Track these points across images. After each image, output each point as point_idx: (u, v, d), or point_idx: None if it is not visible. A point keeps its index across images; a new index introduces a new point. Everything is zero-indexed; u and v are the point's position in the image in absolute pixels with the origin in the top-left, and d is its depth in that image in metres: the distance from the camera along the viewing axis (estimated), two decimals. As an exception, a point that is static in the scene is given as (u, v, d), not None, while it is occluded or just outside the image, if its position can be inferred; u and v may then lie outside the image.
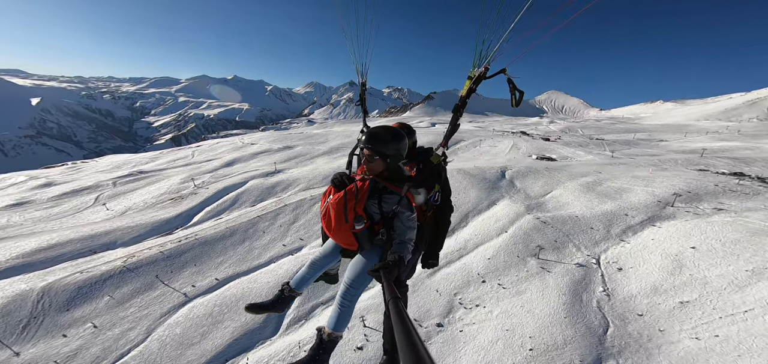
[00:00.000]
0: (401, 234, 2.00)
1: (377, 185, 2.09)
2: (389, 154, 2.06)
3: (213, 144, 28.87)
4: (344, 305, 2.07)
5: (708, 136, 32.79)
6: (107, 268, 8.44)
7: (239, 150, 23.55)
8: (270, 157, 20.47)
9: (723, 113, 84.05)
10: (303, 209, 11.30)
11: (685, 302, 6.62)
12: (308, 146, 22.85)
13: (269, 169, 16.85)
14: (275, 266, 8.65)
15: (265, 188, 13.97)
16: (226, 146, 26.07)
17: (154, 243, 10.06)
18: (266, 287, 7.77)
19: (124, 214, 13.51)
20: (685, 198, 11.44)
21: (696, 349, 5.51)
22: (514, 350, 5.53)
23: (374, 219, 2.11)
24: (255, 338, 6.55)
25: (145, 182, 17.90)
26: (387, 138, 2.07)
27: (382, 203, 2.07)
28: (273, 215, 11.05)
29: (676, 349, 5.55)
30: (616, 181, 13.07)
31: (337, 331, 2.05)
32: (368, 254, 2.14)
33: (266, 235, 10.17)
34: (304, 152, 21.14)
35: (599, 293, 7.04)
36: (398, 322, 1.00)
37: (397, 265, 1.80)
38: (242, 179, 15.16)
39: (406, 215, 2.03)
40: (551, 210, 10.61)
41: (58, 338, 6.54)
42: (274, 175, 15.58)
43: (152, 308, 7.30)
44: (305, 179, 14.29)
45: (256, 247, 9.68)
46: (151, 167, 22.46)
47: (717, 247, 8.18)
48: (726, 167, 17.34)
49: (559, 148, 21.75)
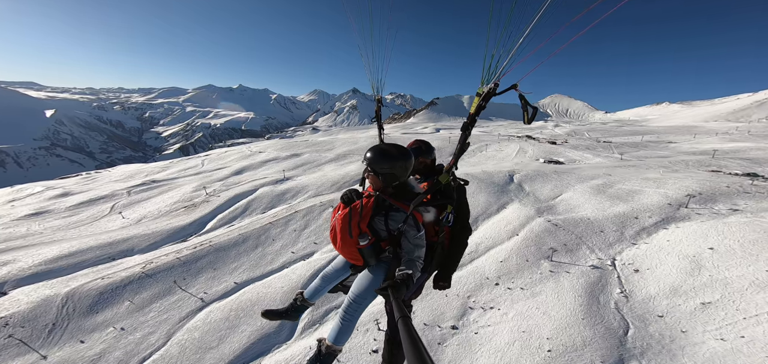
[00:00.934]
0: (409, 252, 1.99)
1: (384, 202, 2.08)
2: (380, 172, 2.05)
3: (221, 153, 29.36)
4: (346, 320, 2.07)
5: (718, 137, 32.26)
6: (127, 274, 8.65)
7: (248, 158, 23.93)
8: (278, 164, 20.76)
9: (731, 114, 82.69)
10: (313, 215, 11.44)
11: (706, 303, 6.53)
12: (315, 154, 23.11)
13: (278, 176, 17.09)
14: (288, 272, 8.76)
15: (274, 195, 14.17)
16: (234, 155, 26.50)
17: (171, 250, 10.26)
18: (281, 292, 7.87)
19: (139, 222, 13.81)
20: (699, 199, 11.29)
21: (722, 350, 5.41)
22: (532, 351, 5.51)
23: (380, 236, 2.11)
24: (271, 342, 6.64)
25: (158, 190, 18.28)
26: (383, 156, 2.06)
27: (388, 220, 2.06)
28: (284, 222, 11.20)
29: (701, 350, 5.47)
30: (627, 183, 12.96)
31: (337, 344, 2.06)
32: (374, 270, 2.14)
33: (278, 241, 10.31)
34: (311, 160, 21.39)
35: (617, 294, 6.98)
36: (408, 342, 0.98)
37: (406, 283, 1.77)
38: (252, 187, 15.41)
39: (412, 233, 2.01)
40: (562, 213, 10.57)
41: (82, 342, 6.71)
42: (283, 182, 15.80)
43: (171, 312, 7.45)
44: (314, 186, 14.47)
45: (268, 253, 9.82)
46: (162, 176, 22.92)
47: (735, 247, 8.07)
48: (739, 168, 17.06)
49: (567, 152, 21.65)
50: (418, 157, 2.67)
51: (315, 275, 8.45)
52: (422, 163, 2.72)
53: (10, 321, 7.16)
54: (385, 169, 2.04)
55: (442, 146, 26.38)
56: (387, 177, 2.06)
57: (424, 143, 2.77)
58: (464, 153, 2.14)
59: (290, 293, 7.85)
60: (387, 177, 2.06)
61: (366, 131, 52.91)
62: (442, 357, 5.69)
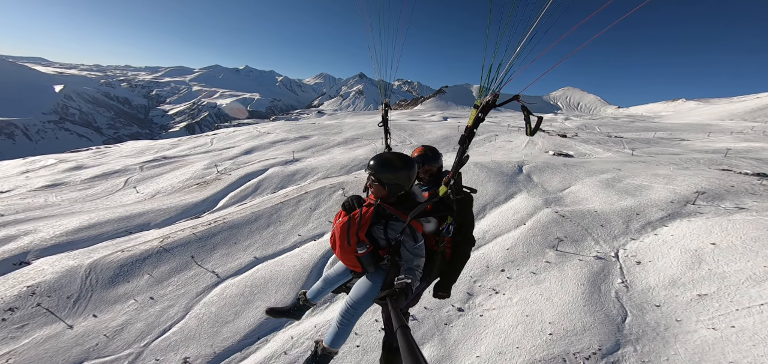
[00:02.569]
0: (408, 262, 1.99)
1: (384, 211, 2.08)
2: (385, 181, 2.05)
3: (230, 132, 29.58)
4: (342, 324, 2.10)
5: (732, 136, 31.58)
6: (145, 248, 9.02)
7: (256, 139, 24.14)
8: (287, 146, 20.97)
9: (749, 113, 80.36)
10: (323, 197, 11.68)
11: (703, 294, 6.72)
12: (323, 137, 23.22)
13: (287, 157, 17.31)
14: (300, 251, 9.06)
15: (285, 175, 14.42)
16: (242, 135, 26.71)
17: (186, 225, 10.62)
18: (293, 271, 8.18)
19: (154, 197, 14.21)
20: (707, 196, 11.28)
21: (712, 338, 5.64)
22: (534, 334, 5.77)
23: (379, 244, 2.11)
24: (283, 318, 6.98)
25: (170, 167, 18.65)
26: (388, 165, 2.06)
27: (387, 229, 2.06)
28: (295, 202, 11.47)
29: (693, 338, 5.69)
30: (636, 178, 12.95)
31: (334, 347, 2.11)
32: (372, 277, 2.15)
33: (289, 220, 10.61)
34: (319, 142, 21.54)
35: (618, 284, 7.18)
36: (407, 351, 0.99)
37: (404, 293, 1.76)
38: (262, 167, 15.67)
39: (411, 244, 2.01)
40: (570, 205, 10.68)
41: (106, 313, 7.12)
42: (292, 163, 16.02)
43: (188, 287, 7.82)
44: (323, 168, 14.67)
45: (280, 231, 10.13)
46: (173, 153, 23.29)
47: (737, 244, 8.17)
48: (749, 168, 16.84)
49: (577, 145, 21.49)
50: (424, 165, 2.63)
51: (325, 255, 8.75)
52: (428, 171, 2.65)
53: (37, 290, 7.56)
54: (390, 179, 2.05)
55: (451, 135, 26.29)
56: (392, 187, 2.07)
57: (431, 150, 2.68)
58: (463, 166, 2.06)
59: (302, 271, 8.17)
60: (392, 187, 2.07)
61: (373, 117, 52.63)
62: (448, 336, 5.98)
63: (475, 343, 5.77)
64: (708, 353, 5.26)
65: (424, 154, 2.66)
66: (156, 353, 6.01)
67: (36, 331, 6.54)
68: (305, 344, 6.14)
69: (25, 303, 7.12)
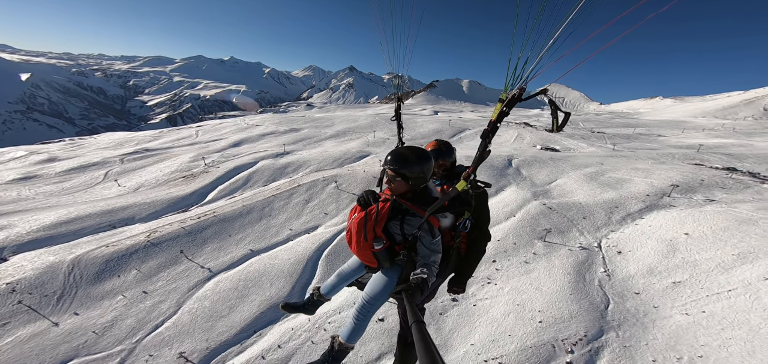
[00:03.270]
0: (424, 257, 1.97)
1: (400, 206, 2.06)
2: (410, 176, 2.04)
3: (216, 124, 28.75)
4: (359, 319, 2.10)
5: (704, 133, 33.36)
6: (132, 242, 8.75)
7: (244, 131, 23.61)
8: (277, 138, 20.63)
9: (720, 111, 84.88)
10: (316, 190, 11.63)
11: (677, 282, 7.17)
12: (314, 129, 22.97)
13: (278, 150, 17.06)
14: (294, 244, 9.03)
15: (276, 168, 14.23)
16: (230, 127, 26.04)
17: (174, 219, 10.36)
18: (287, 264, 8.16)
19: (137, 190, 13.73)
20: (681, 189, 11.95)
21: (685, 323, 6.05)
22: (525, 322, 6.03)
23: (395, 240, 2.10)
24: (280, 311, 6.97)
25: (153, 159, 18.03)
26: (411, 159, 2.04)
27: (404, 224, 2.05)
28: (287, 195, 11.37)
29: (668, 323, 6.09)
30: (618, 172, 13.54)
31: (350, 342, 2.11)
32: (388, 272, 2.15)
33: (282, 213, 10.52)
34: (310, 135, 21.31)
35: (600, 273, 7.56)
36: (422, 346, 0.98)
37: (420, 288, 1.75)
38: (252, 160, 15.39)
39: (428, 239, 1.99)
40: (556, 197, 11.08)
41: (93, 309, 6.90)
42: (283, 156, 15.81)
43: (179, 282, 7.67)
44: (315, 161, 14.56)
45: (273, 225, 10.04)
46: (156, 145, 22.49)
47: (708, 233, 8.71)
48: (719, 163, 17.92)
49: (562, 140, 22.18)
50: (437, 160, 2.59)
51: (320, 248, 8.76)
52: (442, 165, 2.63)
53: (17, 287, 7.23)
54: (416, 173, 2.04)
55: (442, 129, 26.55)
56: (417, 180, 2.07)
57: (445, 144, 2.65)
58: (484, 160, 1.99)
59: (297, 264, 8.16)
60: (417, 180, 2.07)
61: (364, 110, 52.27)
62: (443, 326, 6.16)
63: (469, 332, 5.97)
64: (682, 338, 5.65)
65: (438, 148, 2.62)
66: (149, 349, 5.91)
67: (19, 329, 6.28)
68: (302, 337, 6.18)
69: (5, 301, 6.80)
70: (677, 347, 5.44)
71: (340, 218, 10.26)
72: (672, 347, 5.41)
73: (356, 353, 5.62)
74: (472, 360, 5.39)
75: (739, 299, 6.31)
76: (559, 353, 5.36)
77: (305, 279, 7.84)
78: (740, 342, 5.30)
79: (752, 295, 6.29)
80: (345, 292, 7.16)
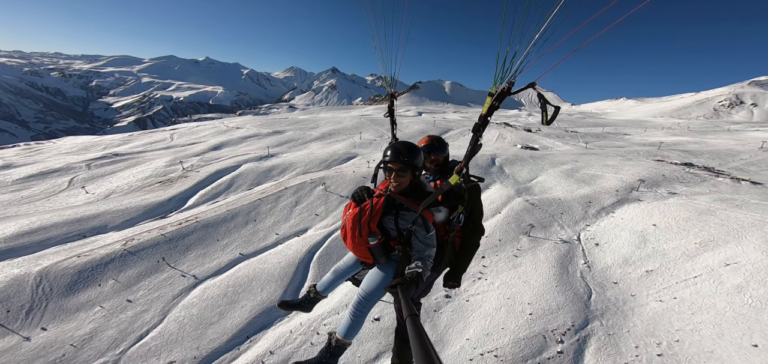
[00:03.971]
0: (419, 251, 1.98)
1: (394, 201, 2.07)
2: (418, 166, 2.07)
3: (193, 127, 27.53)
4: (356, 315, 2.11)
5: (663, 131, 36.09)
6: (106, 251, 8.23)
7: (224, 134, 22.78)
8: (260, 141, 20.04)
9: (676, 111, 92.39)
10: (304, 192, 11.46)
11: (649, 270, 7.73)
12: (298, 131, 22.56)
13: (262, 153, 16.61)
14: (283, 248, 8.85)
15: (260, 171, 13.86)
16: (208, 130, 25.03)
17: (152, 226, 9.84)
18: (278, 268, 7.99)
19: (108, 197, 12.90)
20: (647, 184, 12.87)
21: (660, 309, 6.52)
22: (516, 314, 6.27)
23: (390, 235, 2.11)
24: (272, 315, 6.82)
25: (123, 164, 17.01)
26: (415, 149, 2.09)
27: (398, 219, 2.06)
28: (274, 198, 11.12)
29: (645, 310, 6.54)
30: (591, 168, 14.37)
31: (347, 338, 2.12)
32: (383, 268, 2.16)
33: (269, 217, 10.28)
34: (295, 137, 20.90)
35: (581, 265, 8.01)
36: (416, 340, 0.98)
37: (415, 282, 1.76)
38: (235, 163, 14.90)
39: (422, 233, 2.00)
40: (538, 194, 11.60)
41: (68, 322, 6.43)
42: (267, 159, 15.42)
43: (163, 290, 7.32)
44: (302, 164, 14.32)
45: (260, 229, 9.79)
46: (126, 150, 21.24)
47: (672, 224, 9.44)
48: (678, 158, 19.48)
49: (540, 139, 23.21)
50: (431, 155, 2.61)
51: (311, 251, 8.65)
52: (435, 161, 2.64)
53: (-23, 302, 6.62)
54: (420, 162, 2.09)
55: (427, 129, 26.91)
56: (419, 170, 2.10)
57: (438, 140, 2.66)
58: (476, 154, 2.02)
59: (287, 268, 8.01)
60: (419, 170, 2.10)
61: (348, 111, 51.99)
62: (438, 322, 6.28)
63: (464, 327, 6.13)
64: (659, 324, 6.09)
65: (431, 143, 2.64)
66: (135, 360, 5.59)
67: (-17, 348, 5.74)
68: (297, 340, 6.08)
69: (-37, 320, 6.19)
70: (656, 332, 5.86)
71: (330, 220, 10.18)
72: (651, 333, 5.83)
73: (354, 354, 5.62)
74: (468, 354, 5.54)
75: (705, 284, 6.89)
76: (550, 343, 5.63)
77: (297, 282, 7.71)
78: (710, 325, 5.79)
79: (715, 280, 6.90)
80: (339, 293, 7.13)
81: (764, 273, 6.69)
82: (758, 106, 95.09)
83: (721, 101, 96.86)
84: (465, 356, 5.51)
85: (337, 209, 10.74)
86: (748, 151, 22.16)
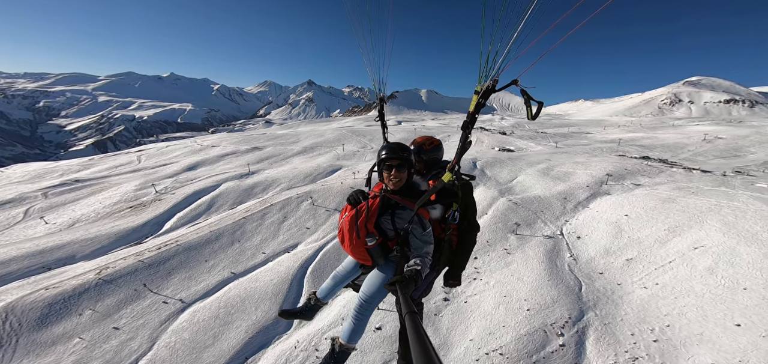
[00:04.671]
0: (417, 249, 1.99)
1: (390, 201, 2.09)
2: (413, 161, 2.13)
3: (162, 147, 26.08)
4: (358, 319, 2.10)
5: (620, 129, 39.19)
6: (78, 282, 7.58)
7: (199, 153, 21.79)
8: (239, 158, 19.38)
9: (627, 110, 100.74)
10: (291, 208, 11.20)
11: (629, 259, 8.26)
12: (279, 147, 22.07)
13: (242, 171, 16.06)
14: (274, 265, 8.58)
15: (242, 189, 13.39)
16: (180, 149, 23.81)
17: (127, 253, 9.17)
18: (271, 286, 7.73)
19: (73, 226, 11.86)
20: (614, 177, 13.90)
21: (646, 296, 6.81)
22: (514, 312, 6.47)
23: (387, 235, 2.11)
24: (270, 333, 6.58)
25: (86, 191, 15.75)
26: (407, 147, 2.14)
27: (395, 219, 2.07)
28: (260, 216, 10.78)
29: (633, 297, 6.84)
30: (563, 166, 15.30)
31: (351, 343, 2.10)
32: (383, 269, 2.16)
33: (256, 235, 9.93)
34: (276, 153, 20.42)
35: (568, 258, 8.44)
36: (415, 337, 0.98)
37: (414, 279, 1.76)
38: (213, 182, 14.29)
39: (419, 231, 2.02)
40: (519, 193, 12.14)
41: (45, 356, 5.84)
42: (249, 176, 14.94)
43: (148, 316, 6.84)
44: (286, 179, 14.02)
45: (247, 248, 9.43)
46: (87, 175, 19.69)
47: (642, 214, 10.20)
48: (636, 153, 21.25)
49: (515, 141, 24.38)
50: (421, 156, 2.60)
51: (304, 266, 8.45)
52: (425, 162, 2.63)
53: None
54: (412, 158, 2.15)
55: (408, 137, 27.38)
56: (413, 165, 2.15)
57: (432, 139, 2.68)
58: (466, 151, 2.08)
59: (281, 285, 7.77)
60: (413, 165, 2.15)
61: (328, 124, 51.56)
62: (440, 326, 6.35)
63: (465, 328, 6.23)
64: (648, 310, 6.38)
65: (423, 144, 2.65)
66: (124, 399, 5.14)
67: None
68: (299, 357, 5.89)
69: None
70: (647, 319, 6.18)
71: (320, 234, 10.02)
72: (643, 320, 6.16)
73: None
74: (473, 355, 5.63)
75: (680, 268, 7.43)
76: (551, 337, 5.84)
77: (292, 297, 7.49)
78: (693, 308, 6.20)
79: (688, 264, 7.48)
80: (338, 305, 7.01)
81: (729, 254, 7.36)
82: (694, 103, 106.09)
83: (663, 100, 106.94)
84: (471, 357, 5.60)
85: (326, 223, 10.60)
86: (693, 143, 24.68)
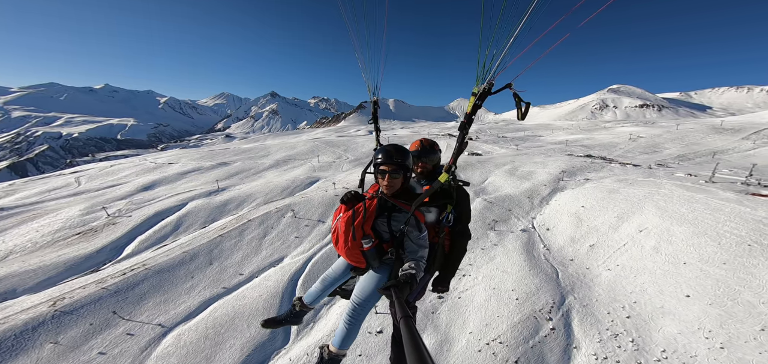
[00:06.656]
0: (412, 252, 1.95)
1: (386, 203, 2.06)
2: (410, 167, 2.10)
3: (106, 167, 23.33)
4: (350, 323, 2.03)
5: (565, 131, 43.67)
6: (28, 316, 6.63)
7: (154, 171, 19.87)
8: (203, 175, 18.04)
9: (567, 115, 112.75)
10: (271, 222, 10.79)
11: (592, 245, 9.29)
12: (248, 161, 20.97)
13: (211, 187, 15.01)
14: (261, 280, 8.22)
15: (213, 207, 12.56)
16: (129, 168, 21.50)
17: (85, 281, 8.12)
18: (260, 301, 7.40)
19: (5, 259, 10.13)
20: (568, 174, 15.52)
21: (612, 277, 7.64)
22: (505, 302, 6.94)
23: (383, 237, 2.06)
24: (267, 349, 6.30)
25: (15, 220, 13.62)
26: (406, 152, 2.10)
27: (391, 221, 2.03)
28: (237, 232, 10.23)
29: (601, 280, 7.66)
30: (526, 166, 16.74)
31: (342, 349, 2.03)
32: (377, 271, 2.10)
33: (237, 252, 9.41)
34: (246, 168, 19.36)
35: (542, 249, 9.26)
36: (409, 341, 0.98)
37: (409, 283, 1.73)
38: (178, 202, 13.19)
39: (415, 234, 1.98)
40: (492, 192, 13.02)
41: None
42: (219, 193, 14.04)
43: (125, 344, 6.18)
44: (261, 193, 13.43)
45: (228, 266, 8.90)
46: (11, 202, 16.99)
47: (594, 204, 11.51)
48: (581, 152, 23.91)
49: (481, 145, 25.98)
50: (419, 160, 2.59)
51: (293, 278, 8.21)
52: (423, 167, 2.61)
53: None
54: (410, 163, 2.11)
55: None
56: (411, 170, 2.12)
57: (429, 143, 2.65)
58: (464, 151, 2.12)
59: (270, 299, 7.48)
60: (411, 170, 2.12)
61: (298, 136, 49.92)
62: (439, 323, 6.59)
63: (463, 322, 6.55)
64: (616, 289, 7.17)
65: (422, 148, 2.63)
66: None
67: None
68: (303, 371, 5.73)
69: None
70: (617, 298, 6.98)
71: (306, 246, 9.79)
72: (614, 299, 6.96)
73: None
74: (475, 347, 5.93)
75: (632, 250, 8.51)
76: (542, 322, 6.37)
77: (285, 310, 7.23)
78: (651, 284, 7.11)
79: (637, 245, 8.61)
80: (336, 314, 6.94)
81: (667, 234, 8.63)
82: (618, 108, 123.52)
83: (594, 105, 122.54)
84: (473, 349, 5.90)
85: (311, 234, 10.39)
86: (622, 142, 28.44)
